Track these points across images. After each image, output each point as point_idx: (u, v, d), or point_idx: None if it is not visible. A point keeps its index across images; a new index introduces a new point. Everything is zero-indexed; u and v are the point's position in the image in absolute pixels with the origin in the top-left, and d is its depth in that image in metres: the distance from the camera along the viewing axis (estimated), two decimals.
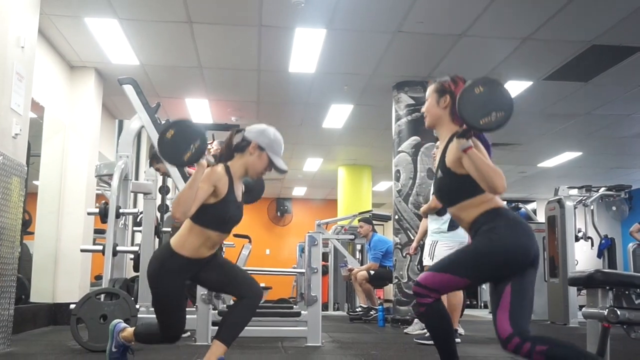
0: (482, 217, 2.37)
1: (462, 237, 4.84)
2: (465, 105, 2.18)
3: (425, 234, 5.44)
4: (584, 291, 7.11)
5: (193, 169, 2.68)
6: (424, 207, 5.24)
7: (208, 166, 2.67)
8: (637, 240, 8.52)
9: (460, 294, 5.12)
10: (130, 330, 3.03)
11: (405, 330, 5.93)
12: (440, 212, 4.93)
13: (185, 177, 4.62)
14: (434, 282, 2.39)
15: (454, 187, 2.44)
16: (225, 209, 2.72)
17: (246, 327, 2.82)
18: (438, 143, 2.70)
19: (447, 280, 2.39)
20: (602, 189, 8.40)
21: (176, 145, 2.52)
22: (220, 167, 2.72)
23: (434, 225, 5.08)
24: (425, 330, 4.81)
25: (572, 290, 7.45)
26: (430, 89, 2.64)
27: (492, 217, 2.35)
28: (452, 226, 4.92)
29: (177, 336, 2.85)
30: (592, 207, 8.32)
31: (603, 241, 8.28)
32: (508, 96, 2.22)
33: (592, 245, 8.31)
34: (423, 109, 2.66)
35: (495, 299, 2.29)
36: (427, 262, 5.05)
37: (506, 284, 2.27)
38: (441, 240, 4.99)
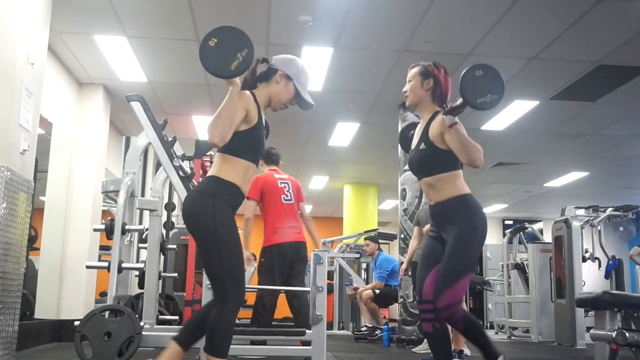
0: (456, 200, 2.71)
1: None
2: (466, 85, 2.50)
3: (413, 254, 5.44)
4: (591, 312, 7.05)
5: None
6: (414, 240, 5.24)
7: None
8: (637, 263, 8.45)
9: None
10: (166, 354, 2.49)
11: (413, 350, 5.88)
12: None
13: (189, 190, 4.62)
14: (455, 295, 2.60)
15: (435, 159, 2.75)
16: (258, 136, 2.54)
17: (250, 346, 2.64)
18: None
19: (464, 284, 2.64)
20: (610, 209, 8.34)
21: (221, 54, 2.32)
22: (248, 93, 2.54)
23: None
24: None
25: (580, 311, 7.38)
26: (413, 71, 2.95)
27: (466, 204, 2.71)
28: None
29: (243, 297, 2.44)
30: (599, 228, 8.26)
31: (610, 262, 8.20)
32: (501, 82, 2.56)
33: (600, 266, 8.23)
34: (405, 89, 2.95)
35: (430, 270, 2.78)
36: None
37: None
38: None
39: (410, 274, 5.89)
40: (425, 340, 5.63)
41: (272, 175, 5.13)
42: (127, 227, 4.72)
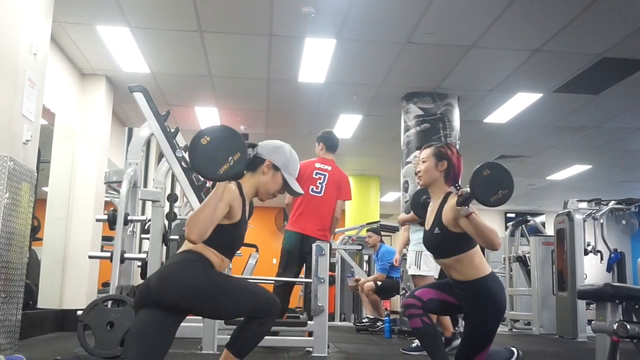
0: (478, 284, 2.82)
1: None
2: (477, 186, 2.62)
3: (406, 243, 5.46)
4: (592, 305, 7.06)
5: None
6: (402, 217, 5.23)
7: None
8: None
9: None
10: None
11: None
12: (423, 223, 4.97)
13: (193, 184, 4.63)
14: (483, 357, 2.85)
15: (450, 243, 2.86)
16: (239, 233, 2.46)
17: None
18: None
19: (488, 350, 2.89)
20: (612, 202, 8.33)
21: (212, 154, 2.18)
22: (233, 186, 2.40)
23: (418, 235, 5.06)
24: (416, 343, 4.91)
25: (581, 304, 7.38)
26: (427, 152, 3.05)
27: (488, 290, 2.82)
28: None
29: (279, 303, 2.46)
30: (601, 221, 8.25)
31: (612, 255, 8.19)
32: (509, 176, 2.68)
33: (602, 259, 8.23)
34: (419, 169, 3.06)
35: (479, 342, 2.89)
36: (414, 271, 5.12)
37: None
38: (425, 250, 5.00)
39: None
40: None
41: (313, 164, 5.15)
42: (129, 217, 4.73)
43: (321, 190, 5.04)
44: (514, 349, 3.06)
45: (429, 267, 5.10)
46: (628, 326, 2.56)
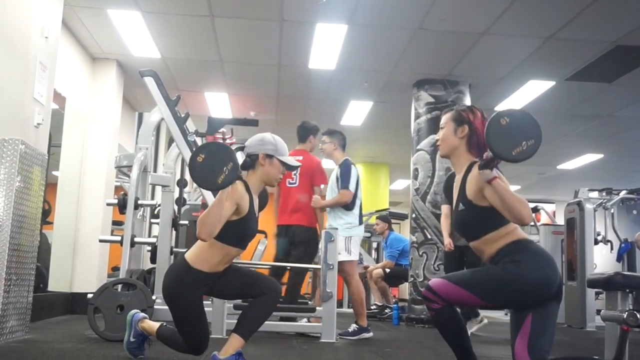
0: (506, 248, 2.37)
1: (362, 231, 5.16)
2: (494, 138, 2.15)
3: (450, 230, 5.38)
4: (601, 295, 7.03)
5: None
6: (329, 201, 5.15)
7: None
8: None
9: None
10: (150, 322, 3.08)
11: (471, 331, 5.64)
12: (349, 207, 5.02)
13: None
14: (447, 292, 2.40)
15: (477, 221, 2.43)
16: (247, 226, 2.78)
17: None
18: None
19: (461, 295, 2.39)
20: (623, 192, 8.28)
21: (208, 169, 2.48)
22: (240, 185, 2.73)
23: (346, 219, 5.04)
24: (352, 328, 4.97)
25: (590, 293, 7.37)
26: (446, 117, 2.63)
27: (517, 250, 2.35)
28: (360, 220, 5.09)
29: (202, 348, 2.86)
30: (612, 210, 8.20)
31: (623, 245, 8.14)
32: (534, 122, 2.21)
33: (612, 249, 8.19)
34: (437, 137, 2.66)
35: (516, 326, 2.32)
36: (344, 257, 4.94)
37: (527, 313, 2.29)
38: (354, 235, 5.04)
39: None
40: (473, 319, 5.56)
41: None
42: (139, 202, 4.75)
43: (296, 180, 5.22)
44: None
45: (357, 251, 5.10)
46: (638, 315, 2.54)
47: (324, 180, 5.29)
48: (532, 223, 9.43)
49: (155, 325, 3.05)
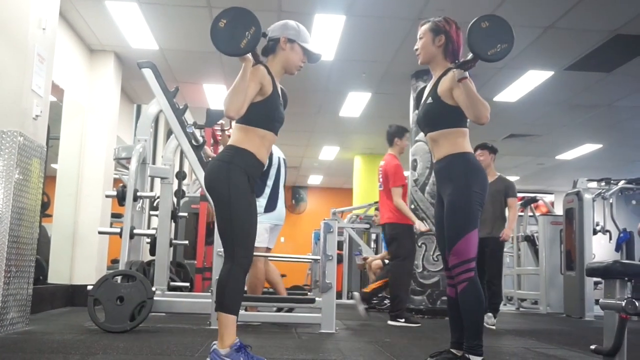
0: (453, 157, 2.73)
1: (276, 219, 4.95)
2: (474, 38, 2.45)
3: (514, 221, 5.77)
4: (600, 285, 7.05)
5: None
6: None
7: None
8: None
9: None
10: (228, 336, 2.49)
11: (487, 325, 5.58)
12: (257, 193, 4.95)
13: (202, 161, 4.64)
14: (462, 253, 2.64)
15: (441, 114, 2.75)
16: (274, 106, 2.66)
17: (261, 313, 2.74)
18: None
19: (470, 241, 2.65)
20: (622, 182, 8.29)
21: (231, 33, 2.41)
22: (261, 67, 2.63)
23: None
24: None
25: (589, 283, 7.39)
26: (424, 27, 2.91)
27: (462, 161, 2.72)
28: (269, 208, 4.95)
29: (250, 261, 2.60)
30: (611, 200, 8.22)
31: (621, 235, 8.16)
32: (509, 30, 2.52)
33: (610, 238, 8.21)
34: (417, 46, 2.92)
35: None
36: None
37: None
38: (260, 221, 4.91)
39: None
40: (490, 313, 5.49)
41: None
42: (138, 194, 4.75)
43: (381, 184, 5.67)
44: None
45: (263, 238, 4.87)
46: (637, 303, 2.55)
47: (396, 182, 5.52)
48: (531, 213, 9.46)
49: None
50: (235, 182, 2.55)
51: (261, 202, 5.00)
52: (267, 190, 5.05)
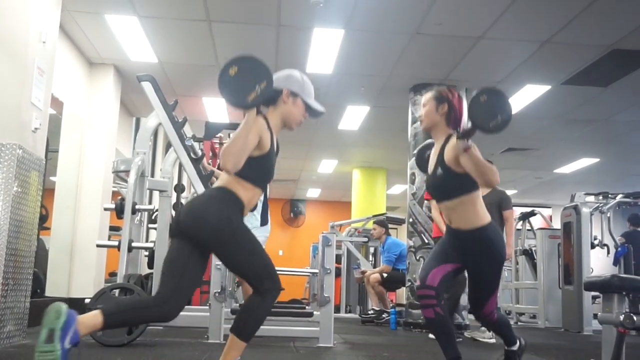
0: (479, 233, 2.85)
1: (268, 232, 5.11)
2: (475, 112, 2.57)
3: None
4: (598, 299, 7.04)
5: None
6: None
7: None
8: None
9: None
10: (86, 318, 2.34)
11: (477, 338, 5.64)
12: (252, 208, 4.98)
13: (200, 174, 4.64)
14: (492, 305, 2.94)
15: (455, 184, 2.85)
16: (268, 164, 2.53)
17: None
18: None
19: (496, 296, 2.97)
20: (620, 195, 8.31)
21: (240, 84, 2.25)
22: (261, 119, 2.47)
23: (251, 220, 4.97)
24: None
25: (587, 297, 7.38)
26: (428, 96, 3.04)
27: (489, 240, 2.86)
28: (264, 221, 5.06)
29: (279, 283, 2.49)
30: (608, 214, 8.23)
31: (619, 249, 8.17)
32: (507, 101, 2.63)
33: (608, 252, 8.22)
34: (420, 113, 3.05)
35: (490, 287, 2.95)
36: None
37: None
38: (257, 235, 4.93)
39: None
40: (484, 327, 5.51)
41: None
42: (137, 206, 4.75)
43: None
44: (519, 338, 3.06)
45: None
46: (635, 318, 2.55)
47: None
48: (529, 227, 9.46)
49: (93, 317, 2.34)
50: (237, 217, 2.44)
51: (257, 217, 5.02)
52: (259, 205, 5.07)
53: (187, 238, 2.39)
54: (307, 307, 7.09)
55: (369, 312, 7.90)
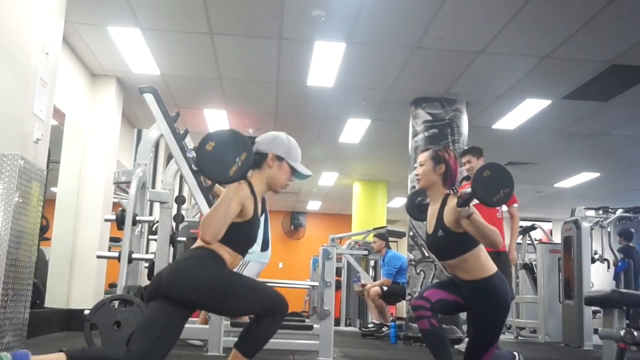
0: (485, 284, 2.88)
1: (268, 257, 5.04)
2: (479, 188, 2.67)
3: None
4: (599, 314, 7.02)
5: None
6: None
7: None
8: None
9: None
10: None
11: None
12: None
13: (201, 186, 4.64)
14: (491, 352, 2.90)
15: (455, 244, 2.91)
16: (252, 230, 2.47)
17: None
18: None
19: (496, 344, 2.98)
20: (620, 210, 8.30)
21: (219, 159, 2.19)
22: (245, 185, 2.41)
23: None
24: None
25: (587, 312, 7.35)
26: (425, 155, 3.12)
27: (495, 290, 2.87)
28: (264, 247, 4.99)
29: (286, 303, 2.52)
30: (609, 229, 8.23)
31: (620, 263, 8.16)
32: (508, 175, 2.73)
33: (609, 267, 8.20)
34: (417, 172, 3.12)
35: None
36: None
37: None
38: (253, 260, 4.91)
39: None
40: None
41: None
42: (138, 218, 4.75)
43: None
44: (515, 353, 3.06)
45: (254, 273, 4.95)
46: (635, 333, 2.55)
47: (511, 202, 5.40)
48: (529, 241, 9.45)
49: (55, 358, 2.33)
50: (225, 270, 2.39)
51: (258, 242, 5.00)
52: (260, 231, 5.05)
53: (171, 301, 2.29)
54: (307, 320, 7.07)
55: (369, 326, 7.87)
